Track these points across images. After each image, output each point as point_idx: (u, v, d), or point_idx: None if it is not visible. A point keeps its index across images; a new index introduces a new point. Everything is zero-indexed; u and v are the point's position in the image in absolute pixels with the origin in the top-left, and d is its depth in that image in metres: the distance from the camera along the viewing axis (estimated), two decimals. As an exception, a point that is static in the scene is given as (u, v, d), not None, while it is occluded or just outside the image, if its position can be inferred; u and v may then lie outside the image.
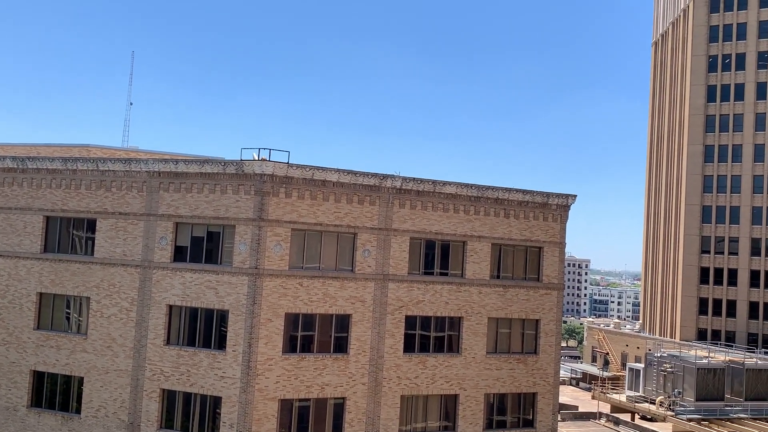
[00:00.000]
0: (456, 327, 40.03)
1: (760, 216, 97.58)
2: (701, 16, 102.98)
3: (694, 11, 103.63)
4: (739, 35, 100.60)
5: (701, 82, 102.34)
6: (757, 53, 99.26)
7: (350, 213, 37.12)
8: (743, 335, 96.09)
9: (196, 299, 35.90)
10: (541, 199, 42.37)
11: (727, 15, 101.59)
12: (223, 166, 35.68)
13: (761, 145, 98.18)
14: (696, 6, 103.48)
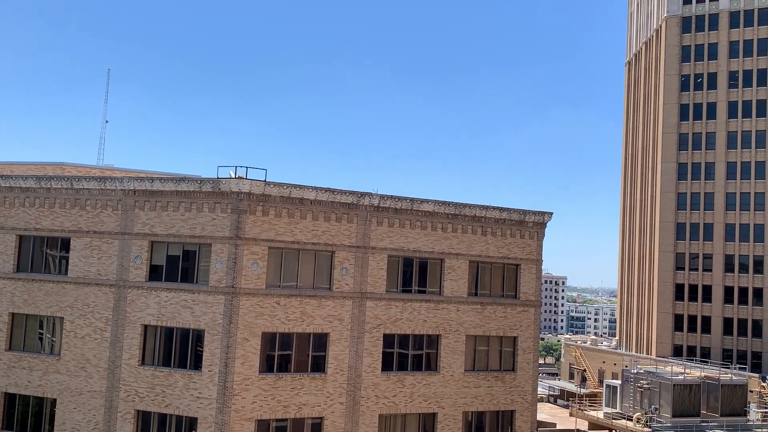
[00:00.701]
0: (434, 345, 39.90)
1: (733, 233, 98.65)
2: (673, 36, 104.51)
3: (667, 31, 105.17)
4: (711, 55, 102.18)
5: (674, 100, 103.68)
6: (728, 73, 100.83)
7: (328, 231, 36.96)
8: (718, 351, 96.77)
9: (171, 319, 35.45)
10: (518, 217, 42.51)
11: (699, 35, 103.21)
12: (200, 184, 35.41)
13: (733, 162, 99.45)
14: (668, 26, 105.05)
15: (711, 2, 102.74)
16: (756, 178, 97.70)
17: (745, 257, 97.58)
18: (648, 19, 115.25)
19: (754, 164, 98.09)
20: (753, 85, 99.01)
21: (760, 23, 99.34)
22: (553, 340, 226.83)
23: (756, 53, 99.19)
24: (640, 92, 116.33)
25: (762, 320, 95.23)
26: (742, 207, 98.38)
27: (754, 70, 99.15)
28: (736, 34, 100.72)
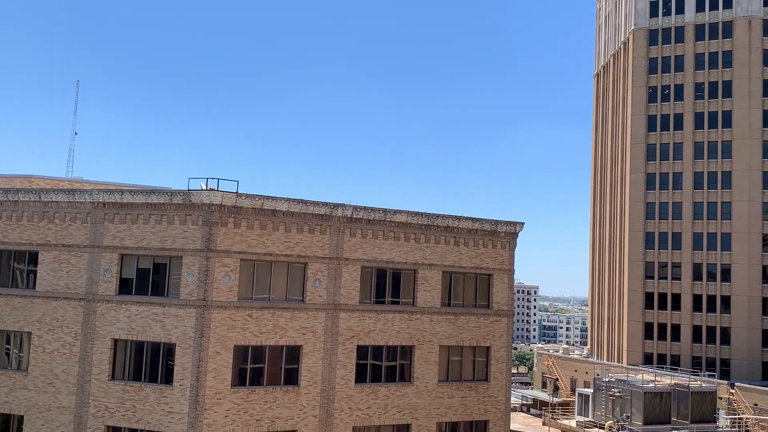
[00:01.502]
0: (408, 356, 39.74)
1: (700, 242, 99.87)
2: (640, 48, 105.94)
3: (634, 44, 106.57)
4: (677, 67, 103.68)
5: (642, 112, 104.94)
6: (694, 84, 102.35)
7: (301, 242, 36.72)
8: (687, 359, 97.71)
9: (142, 332, 34.92)
10: (490, 227, 42.60)
11: (665, 47, 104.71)
12: (170, 197, 34.99)
13: (700, 172, 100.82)
14: (635, 39, 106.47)
15: (677, 15, 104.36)
16: (722, 188, 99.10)
17: (712, 266, 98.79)
18: (616, 31, 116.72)
19: (721, 174, 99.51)
20: (718, 97, 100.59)
21: (724, 36, 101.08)
22: (526, 350, 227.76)
23: (721, 65, 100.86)
24: (609, 103, 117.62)
25: (730, 328, 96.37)
26: (710, 216, 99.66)
27: (720, 82, 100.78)
28: (702, 47, 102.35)
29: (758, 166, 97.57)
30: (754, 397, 77.10)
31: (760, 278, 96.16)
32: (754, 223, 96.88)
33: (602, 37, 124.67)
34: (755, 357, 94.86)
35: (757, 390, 78.67)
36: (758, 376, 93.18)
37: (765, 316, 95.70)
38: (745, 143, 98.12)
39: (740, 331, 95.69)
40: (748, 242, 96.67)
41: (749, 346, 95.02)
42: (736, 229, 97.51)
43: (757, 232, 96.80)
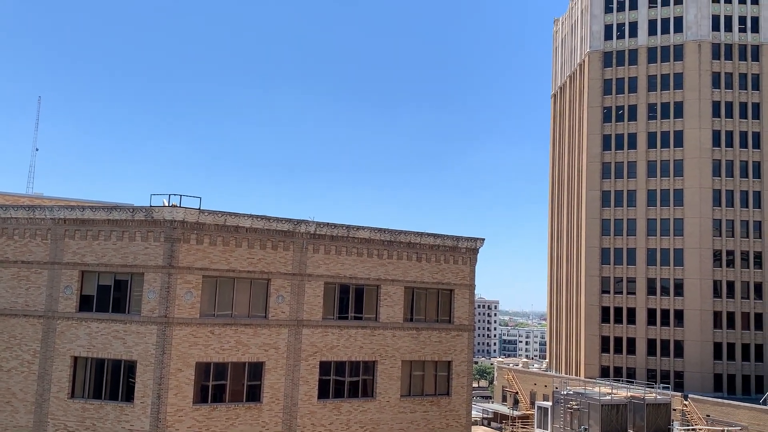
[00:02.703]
0: (370, 371, 39.42)
1: (654, 257, 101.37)
2: (596, 70, 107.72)
3: (589, 66, 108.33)
4: (631, 88, 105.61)
5: (597, 131, 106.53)
6: (647, 105, 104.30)
7: (264, 259, 36.28)
8: (643, 371, 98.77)
9: (102, 350, 34.08)
10: (451, 243, 42.63)
11: (619, 69, 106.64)
12: (132, 213, 34.35)
13: (653, 190, 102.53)
14: (591, 61, 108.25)
15: (630, 38, 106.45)
16: (675, 205, 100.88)
17: (666, 280, 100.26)
18: (572, 54, 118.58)
19: (673, 192, 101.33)
20: (670, 117, 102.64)
21: (675, 58, 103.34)
22: (487, 364, 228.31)
23: (673, 86, 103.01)
24: (566, 123, 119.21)
25: (683, 341, 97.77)
26: (663, 232, 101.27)
27: (671, 103, 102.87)
28: (654, 69, 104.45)
29: (708, 184, 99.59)
30: (706, 408, 78.16)
31: (712, 292, 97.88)
32: (705, 239, 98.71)
33: (559, 59, 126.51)
34: (707, 369, 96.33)
35: (710, 401, 79.78)
36: (710, 388, 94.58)
37: (716, 329, 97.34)
38: (696, 162, 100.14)
39: (693, 344, 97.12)
40: (700, 257, 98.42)
41: (701, 358, 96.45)
42: (688, 244, 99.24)
43: (708, 248, 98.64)
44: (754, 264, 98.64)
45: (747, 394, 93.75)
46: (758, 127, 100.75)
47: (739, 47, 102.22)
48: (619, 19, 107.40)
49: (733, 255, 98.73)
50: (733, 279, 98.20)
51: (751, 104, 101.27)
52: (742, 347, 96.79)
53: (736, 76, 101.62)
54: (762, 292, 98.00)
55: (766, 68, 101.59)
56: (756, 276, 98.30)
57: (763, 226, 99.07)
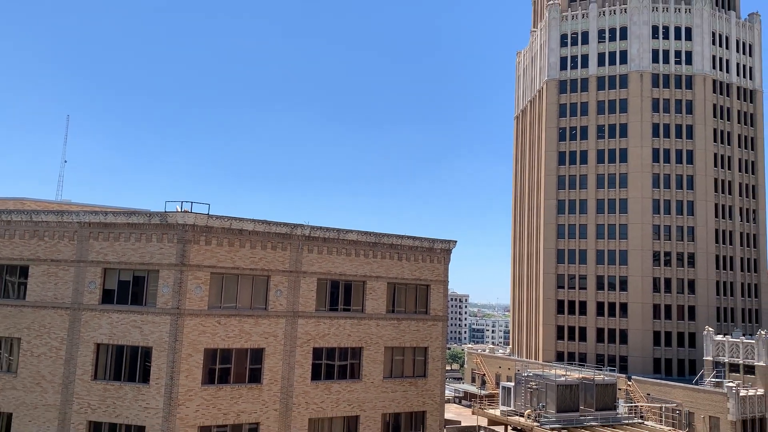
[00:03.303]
0: (357, 356, 39.24)
1: (602, 257, 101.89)
2: (552, 95, 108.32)
3: (547, 92, 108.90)
4: (583, 112, 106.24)
5: (553, 149, 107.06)
6: (596, 126, 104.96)
7: (264, 258, 36.05)
8: (593, 356, 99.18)
9: (122, 337, 33.70)
10: (428, 244, 42.59)
11: (573, 95, 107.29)
12: (149, 218, 34.03)
13: (602, 199, 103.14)
14: (548, 88, 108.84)
15: (582, 69, 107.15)
16: (620, 213, 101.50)
17: (612, 277, 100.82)
18: (532, 81, 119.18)
19: (618, 201, 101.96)
20: (616, 136, 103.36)
21: (621, 86, 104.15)
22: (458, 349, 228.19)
23: (618, 110, 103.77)
24: (527, 141, 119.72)
25: (627, 330, 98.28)
26: (609, 236, 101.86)
27: (617, 125, 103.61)
28: (603, 95, 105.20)
29: (649, 194, 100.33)
30: (647, 387, 78.64)
31: (651, 288, 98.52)
32: (646, 242, 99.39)
33: (521, 86, 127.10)
34: (648, 354, 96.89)
35: (650, 382, 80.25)
36: (650, 370, 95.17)
37: (656, 319, 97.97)
38: (638, 175, 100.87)
39: (635, 333, 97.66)
40: (641, 258, 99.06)
41: (643, 344, 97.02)
42: (632, 247, 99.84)
43: (649, 250, 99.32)
44: (687, 263, 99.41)
45: (682, 375, 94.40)
46: (691, 146, 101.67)
47: (675, 77, 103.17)
48: (573, 52, 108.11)
49: (670, 256, 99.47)
50: (670, 276, 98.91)
51: (685, 126, 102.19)
52: (677, 335, 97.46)
53: (672, 102, 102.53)
54: (694, 288, 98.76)
55: (699, 95, 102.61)
56: (689, 274, 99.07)
57: (696, 231, 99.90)
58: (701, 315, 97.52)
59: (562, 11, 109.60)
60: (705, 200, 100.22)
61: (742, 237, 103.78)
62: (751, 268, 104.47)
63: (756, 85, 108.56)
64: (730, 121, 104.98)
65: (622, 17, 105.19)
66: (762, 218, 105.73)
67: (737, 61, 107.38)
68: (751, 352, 77.61)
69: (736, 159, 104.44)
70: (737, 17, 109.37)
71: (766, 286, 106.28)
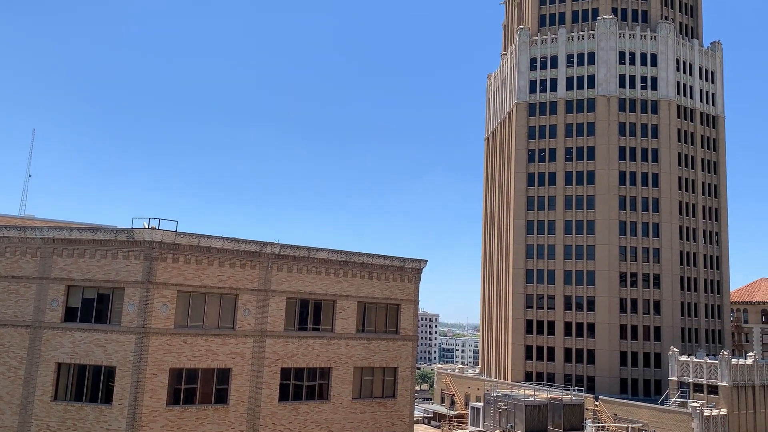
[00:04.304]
0: (326, 376, 38.76)
1: (570, 278, 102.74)
2: (522, 118, 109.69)
3: (516, 114, 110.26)
4: (551, 134, 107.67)
5: (523, 170, 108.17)
6: (564, 148, 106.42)
7: (233, 276, 35.54)
8: (561, 376, 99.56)
9: (84, 357, 32.78)
10: (399, 264, 42.47)
11: (542, 118, 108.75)
12: (115, 234, 33.34)
13: (570, 220, 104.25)
14: (518, 110, 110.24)
15: (551, 92, 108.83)
16: (587, 234, 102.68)
17: (580, 297, 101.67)
18: (502, 104, 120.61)
19: (586, 222, 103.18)
20: (584, 159, 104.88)
21: (588, 110, 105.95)
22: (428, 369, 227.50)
23: (586, 133, 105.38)
24: (497, 162, 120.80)
25: (595, 350, 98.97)
26: (577, 257, 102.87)
27: (585, 147, 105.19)
28: (571, 118, 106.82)
29: (616, 216, 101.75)
30: (614, 408, 79.11)
31: (618, 308, 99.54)
32: (613, 263, 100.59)
33: (491, 108, 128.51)
34: (615, 374, 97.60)
35: (617, 402, 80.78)
36: (617, 390, 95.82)
37: (622, 339, 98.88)
38: (605, 197, 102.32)
39: (603, 353, 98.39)
40: (608, 279, 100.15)
41: (610, 364, 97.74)
42: (599, 267, 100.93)
43: (615, 271, 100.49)
44: (653, 284, 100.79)
45: (648, 395, 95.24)
46: (657, 169, 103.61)
47: (641, 101, 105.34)
48: (542, 75, 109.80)
49: (636, 277, 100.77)
50: (636, 297, 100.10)
51: (651, 150, 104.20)
52: (643, 355, 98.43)
53: (638, 126, 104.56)
54: (660, 309, 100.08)
55: (664, 120, 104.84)
56: (655, 294, 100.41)
57: (661, 252, 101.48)
58: (666, 335, 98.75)
59: (531, 35, 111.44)
60: (670, 222, 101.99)
61: (705, 259, 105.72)
62: (714, 289, 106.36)
63: (718, 111, 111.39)
64: (694, 145, 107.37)
65: (590, 43, 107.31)
66: (725, 241, 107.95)
67: (700, 88, 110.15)
68: (715, 372, 78.73)
69: (700, 182, 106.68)
70: (700, 45, 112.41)
71: (729, 307, 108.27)
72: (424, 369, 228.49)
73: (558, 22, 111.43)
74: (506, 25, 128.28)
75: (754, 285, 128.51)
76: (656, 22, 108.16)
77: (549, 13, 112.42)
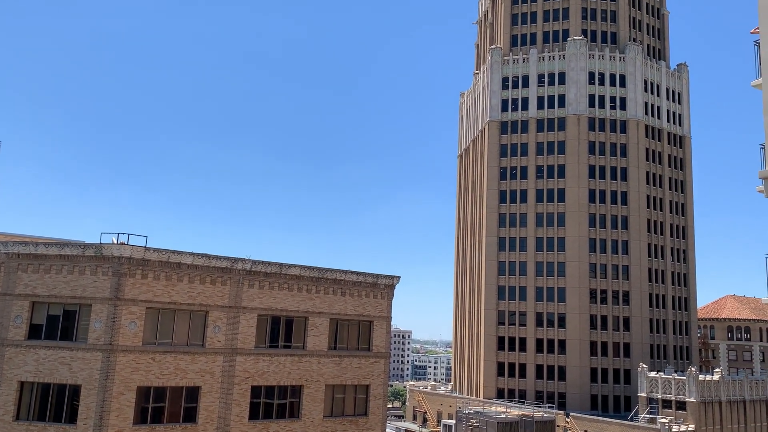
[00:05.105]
0: (297, 394, 38.28)
1: (542, 294, 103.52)
2: (494, 136, 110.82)
3: (489, 132, 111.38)
4: (523, 152, 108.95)
5: (495, 187, 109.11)
6: (536, 166, 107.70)
7: (203, 292, 35.03)
8: (532, 393, 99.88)
9: (49, 375, 31.93)
10: (372, 280, 42.32)
11: (513, 136, 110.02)
12: (83, 249, 32.69)
13: (541, 237, 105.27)
14: (490, 128, 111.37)
15: (522, 111, 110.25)
16: (558, 251, 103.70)
17: (551, 314, 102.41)
18: (475, 122, 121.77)
19: (557, 239, 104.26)
20: (555, 177, 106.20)
21: (559, 129, 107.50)
22: (400, 387, 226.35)
23: (557, 152, 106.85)
24: (469, 179, 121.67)
25: (566, 366, 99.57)
26: (548, 273, 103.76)
27: (555, 165, 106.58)
28: (542, 137, 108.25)
29: (586, 233, 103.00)
30: (584, 424, 79.52)
31: (588, 325, 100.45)
32: (583, 280, 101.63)
33: (464, 126, 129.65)
34: (585, 391, 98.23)
35: (587, 418, 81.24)
36: (588, 407, 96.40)
37: (593, 356, 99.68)
38: (576, 215, 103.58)
39: (573, 369, 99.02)
40: (579, 295, 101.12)
41: (580, 381, 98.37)
42: (569, 284, 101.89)
43: (586, 287, 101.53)
44: (623, 301, 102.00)
45: (617, 412, 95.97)
46: (625, 188, 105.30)
47: (610, 121, 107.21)
48: (514, 95, 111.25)
49: (606, 294, 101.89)
50: (606, 314, 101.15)
51: (620, 168, 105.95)
52: (613, 372, 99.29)
53: (607, 145, 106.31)
54: (629, 325, 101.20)
55: (632, 139, 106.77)
56: (624, 311, 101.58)
57: (630, 269, 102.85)
58: (636, 352, 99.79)
59: (503, 55, 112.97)
60: (639, 240, 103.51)
61: (673, 276, 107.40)
62: (682, 306, 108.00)
63: (685, 131, 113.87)
64: (662, 164, 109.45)
65: (560, 63, 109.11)
66: (691, 258, 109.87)
67: (668, 108, 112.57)
68: (683, 388, 79.67)
69: (668, 201, 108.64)
70: (667, 67, 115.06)
71: (696, 323, 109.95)
72: (396, 386, 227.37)
73: (529, 43, 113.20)
74: (479, 44, 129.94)
75: (720, 302, 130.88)
76: (625, 44, 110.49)
77: (520, 34, 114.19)
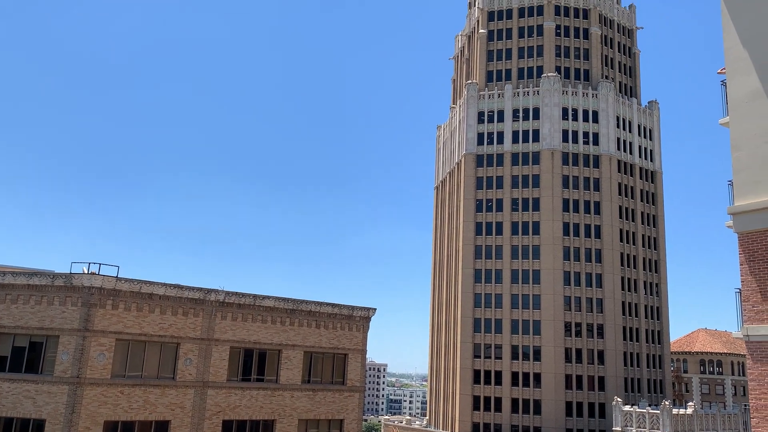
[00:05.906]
0: (269, 429, 37.53)
1: (517, 327, 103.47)
2: (470, 169, 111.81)
3: (465, 165, 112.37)
4: (498, 185, 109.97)
5: (471, 219, 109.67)
6: (511, 199, 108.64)
7: (174, 324, 34.42)
8: (508, 426, 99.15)
9: (12, 409, 30.92)
10: (347, 312, 42.00)
11: (489, 169, 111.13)
12: (52, 279, 32.01)
13: (516, 270, 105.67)
14: (466, 161, 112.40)
15: (498, 145, 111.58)
16: (533, 283, 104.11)
17: (527, 347, 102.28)
18: (451, 154, 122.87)
19: (532, 272, 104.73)
20: (530, 210, 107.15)
21: (533, 163, 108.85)
22: (375, 421, 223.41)
23: (531, 185, 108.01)
24: (446, 212, 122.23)
25: (541, 400, 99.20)
26: (524, 306, 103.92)
27: (530, 199, 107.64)
28: (517, 170, 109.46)
29: (560, 266, 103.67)
30: (560, 458, 78.88)
31: (564, 358, 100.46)
32: (558, 313, 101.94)
33: (441, 158, 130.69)
34: (560, 425, 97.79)
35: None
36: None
37: (568, 389, 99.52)
38: (550, 248, 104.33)
39: (548, 403, 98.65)
40: (554, 328, 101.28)
41: (556, 415, 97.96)
42: (545, 317, 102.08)
43: (561, 320, 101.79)
44: (597, 334, 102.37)
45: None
46: (599, 221, 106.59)
47: (583, 156, 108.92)
48: (489, 129, 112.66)
49: (581, 326, 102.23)
50: (581, 347, 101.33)
51: (593, 203, 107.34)
52: (588, 405, 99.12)
53: (581, 179, 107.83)
54: (604, 358, 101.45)
55: (605, 174, 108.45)
56: (599, 344, 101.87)
57: (604, 302, 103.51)
58: (610, 385, 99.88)
59: (479, 90, 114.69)
60: (612, 273, 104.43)
61: (646, 309, 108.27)
62: (656, 339, 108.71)
63: (656, 167, 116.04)
64: (634, 199, 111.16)
65: (534, 98, 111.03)
66: (664, 292, 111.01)
67: (639, 144, 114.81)
68: (657, 422, 79.75)
69: (640, 235, 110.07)
70: (638, 104, 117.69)
71: (669, 357, 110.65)
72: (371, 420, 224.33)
73: (504, 78, 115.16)
74: (455, 79, 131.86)
75: (693, 335, 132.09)
76: (597, 81, 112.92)
77: (496, 69, 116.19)
